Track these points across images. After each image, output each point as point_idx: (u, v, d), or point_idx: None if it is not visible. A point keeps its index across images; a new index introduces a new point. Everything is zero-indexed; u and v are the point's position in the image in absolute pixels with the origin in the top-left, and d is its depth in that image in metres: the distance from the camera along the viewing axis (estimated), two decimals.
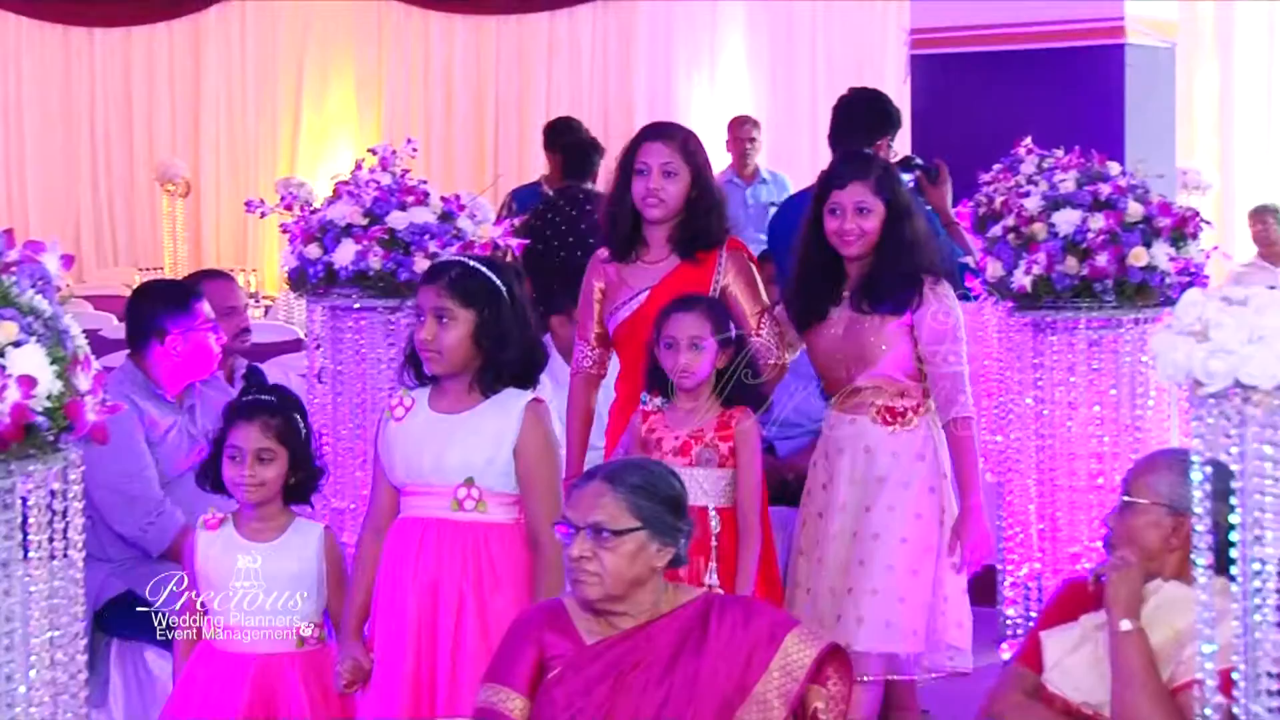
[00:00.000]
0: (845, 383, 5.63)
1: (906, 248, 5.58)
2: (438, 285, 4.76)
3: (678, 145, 5.75)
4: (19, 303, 2.87)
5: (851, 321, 5.60)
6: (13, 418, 2.78)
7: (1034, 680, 4.32)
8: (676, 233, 5.75)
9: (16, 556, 2.89)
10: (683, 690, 3.97)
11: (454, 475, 4.73)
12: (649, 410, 5.45)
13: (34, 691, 2.90)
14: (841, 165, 5.76)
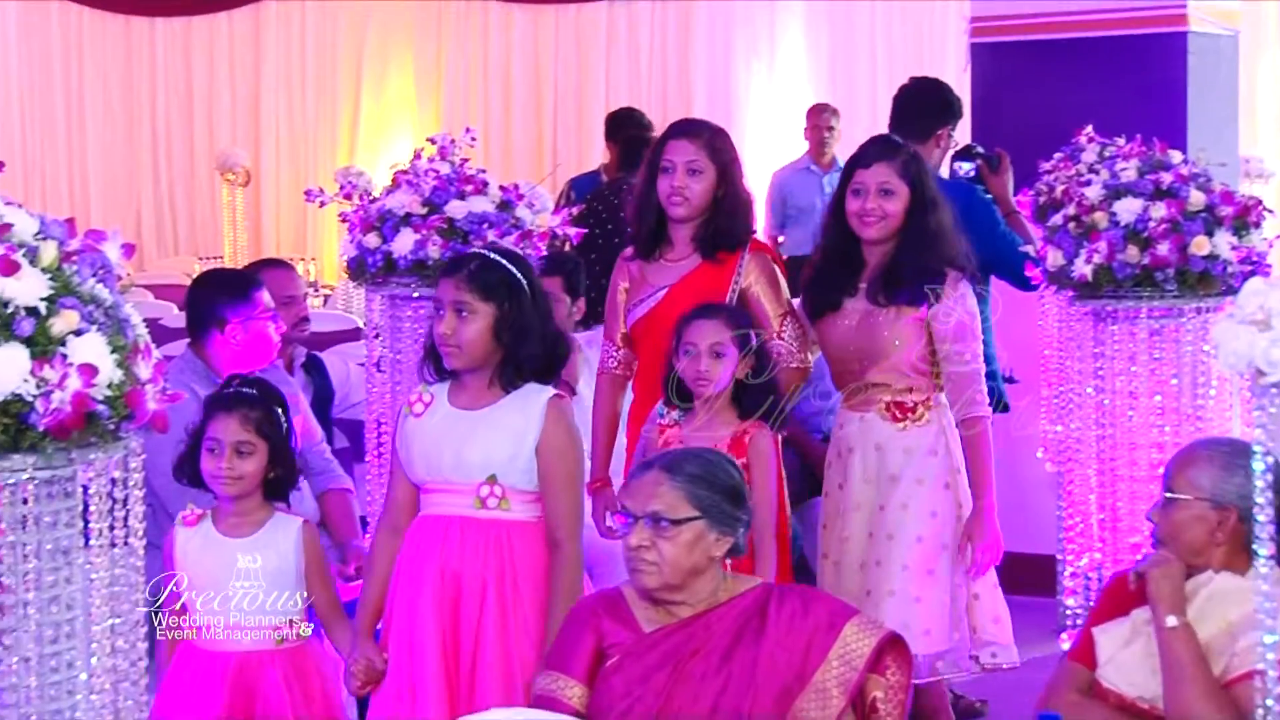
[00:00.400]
0: (856, 376, 5.53)
1: (930, 238, 5.47)
2: (456, 278, 4.67)
3: (703, 143, 5.66)
4: (80, 292, 2.89)
5: (866, 314, 5.49)
6: (74, 406, 2.79)
7: (1088, 677, 4.30)
8: (700, 232, 5.65)
9: (78, 544, 2.90)
10: (741, 679, 3.97)
11: (476, 472, 4.64)
12: (665, 423, 5.35)
13: (95, 679, 2.92)
14: (868, 146, 5.67)
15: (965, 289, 5.48)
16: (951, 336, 5.42)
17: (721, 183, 5.63)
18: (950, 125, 7.09)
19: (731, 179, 5.66)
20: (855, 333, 5.50)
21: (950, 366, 5.44)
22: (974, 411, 5.42)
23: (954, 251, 5.52)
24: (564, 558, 4.63)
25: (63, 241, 2.93)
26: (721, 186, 5.63)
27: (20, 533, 2.84)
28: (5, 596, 2.84)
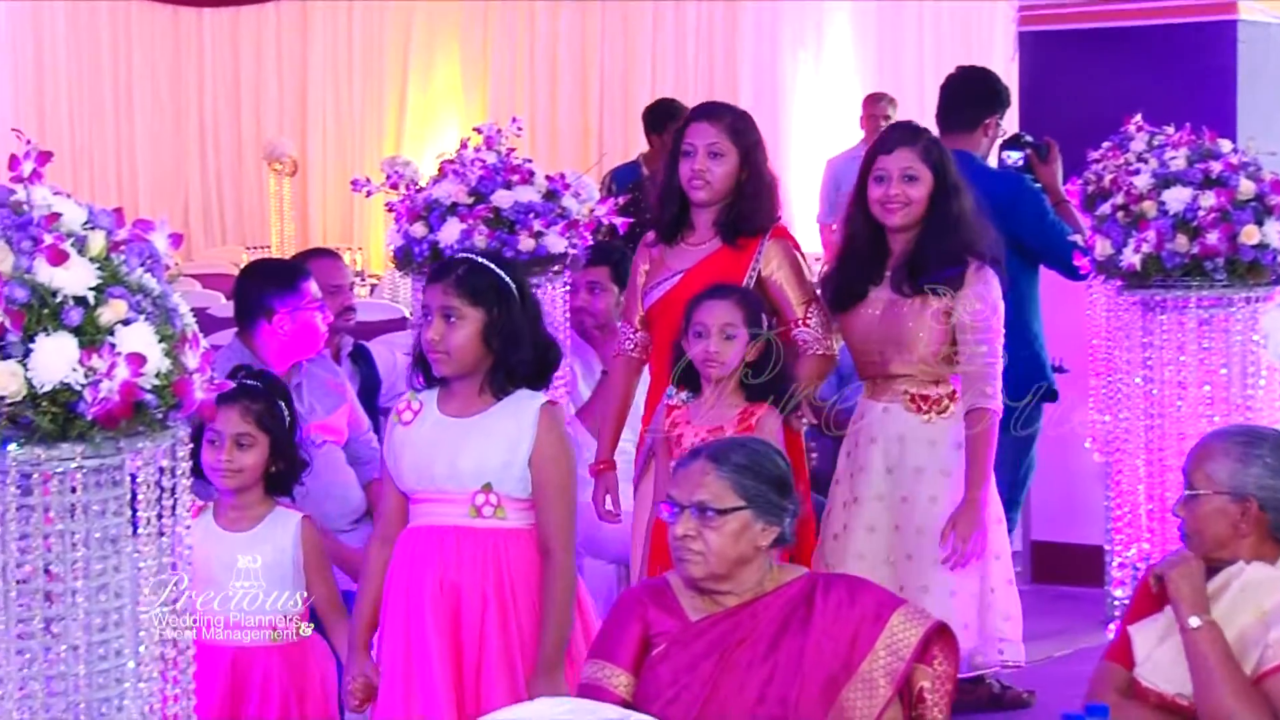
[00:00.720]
0: (880, 367, 5.49)
1: (953, 224, 5.43)
2: (444, 283, 4.53)
3: (725, 126, 5.56)
4: (128, 281, 2.90)
5: (890, 304, 5.46)
6: (122, 395, 2.80)
7: (1126, 676, 4.27)
8: (722, 216, 5.57)
9: (126, 533, 2.92)
10: (787, 668, 3.97)
11: (470, 481, 4.53)
12: (673, 405, 5.30)
13: (143, 667, 2.93)
14: (889, 133, 5.65)
15: (990, 277, 5.45)
16: (971, 327, 5.39)
17: (744, 166, 5.55)
18: (998, 114, 7.06)
19: (754, 162, 5.58)
20: (880, 322, 5.47)
21: (966, 358, 5.41)
22: (981, 403, 5.38)
23: (977, 237, 5.48)
24: (556, 567, 4.54)
25: (111, 231, 2.94)
26: (744, 170, 5.55)
27: (69, 521, 2.86)
28: (54, 585, 2.86)
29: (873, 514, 5.48)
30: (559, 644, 4.52)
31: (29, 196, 2.91)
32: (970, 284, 5.40)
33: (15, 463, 2.80)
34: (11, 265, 2.82)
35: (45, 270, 2.82)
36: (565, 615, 4.54)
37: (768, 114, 16.33)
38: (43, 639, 2.86)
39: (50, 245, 2.84)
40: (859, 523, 5.49)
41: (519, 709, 3.91)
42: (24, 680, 2.85)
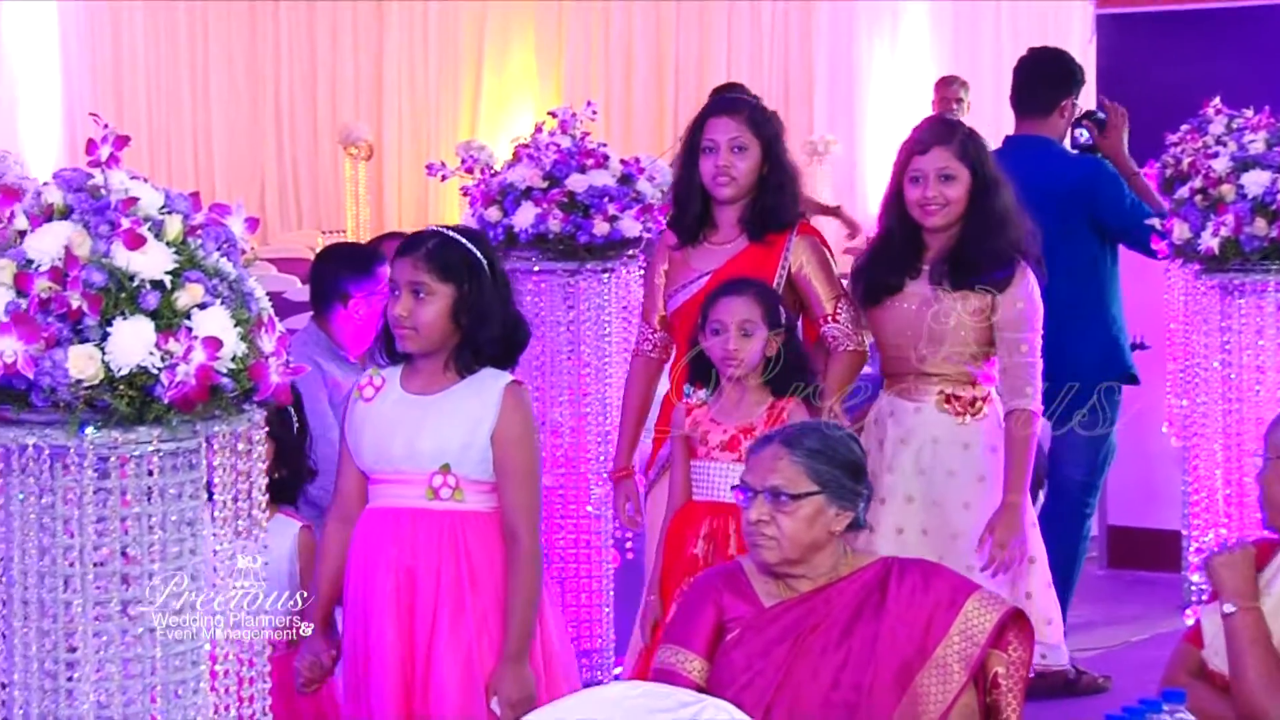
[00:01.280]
0: (913, 364, 5.33)
1: (997, 221, 5.30)
2: (414, 257, 4.38)
3: (745, 118, 5.42)
4: (205, 265, 2.91)
5: (927, 299, 5.31)
6: (198, 379, 2.81)
7: (1198, 658, 4.27)
8: (747, 212, 5.43)
9: (202, 516, 2.93)
10: (861, 653, 3.96)
11: (428, 461, 4.39)
12: (693, 404, 5.16)
13: (219, 650, 2.95)
14: (923, 130, 5.47)
15: (1029, 276, 5.33)
16: (1012, 325, 5.28)
17: (767, 159, 5.41)
18: (1074, 95, 6.93)
19: (777, 154, 5.45)
20: (915, 317, 5.32)
21: (1006, 356, 5.28)
22: (1022, 404, 5.25)
23: (1020, 233, 5.35)
24: (521, 552, 4.40)
25: (188, 215, 2.95)
26: (767, 163, 5.41)
27: (145, 504, 2.87)
28: (131, 568, 2.87)
29: (902, 515, 5.36)
30: (525, 633, 4.40)
31: (106, 181, 2.92)
32: (1015, 282, 5.29)
33: (93, 446, 2.82)
34: (89, 249, 2.83)
35: (122, 254, 2.83)
36: (531, 603, 4.41)
37: (843, 100, 16.32)
38: (119, 621, 2.88)
39: (128, 229, 2.85)
40: (887, 523, 5.34)
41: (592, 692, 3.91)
42: (101, 663, 2.87)
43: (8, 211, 2.90)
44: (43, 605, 2.87)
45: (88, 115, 3.37)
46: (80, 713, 2.87)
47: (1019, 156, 6.71)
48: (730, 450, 5.07)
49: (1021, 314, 5.28)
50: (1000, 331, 5.28)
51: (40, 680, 2.88)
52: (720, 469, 5.08)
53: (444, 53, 17.75)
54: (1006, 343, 5.28)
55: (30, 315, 2.79)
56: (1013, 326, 5.28)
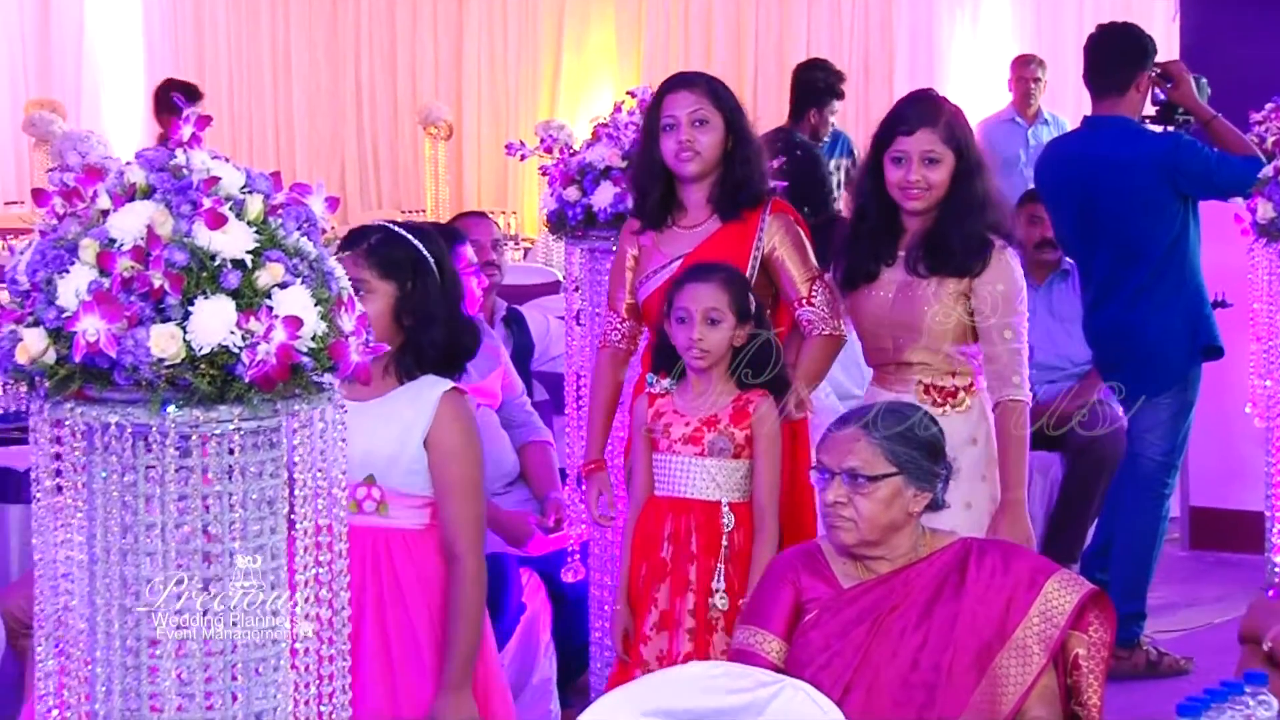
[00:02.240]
0: (890, 354, 5.09)
1: (977, 205, 5.02)
2: (355, 253, 4.05)
3: (704, 91, 5.19)
4: (285, 245, 2.92)
5: (904, 285, 5.05)
6: (279, 358, 2.82)
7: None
8: (715, 191, 5.20)
9: (282, 495, 2.94)
10: (940, 635, 3.95)
11: (353, 471, 3.90)
12: (655, 393, 4.95)
13: (299, 627, 2.96)
14: (908, 108, 5.17)
15: (1012, 258, 5.07)
16: (993, 311, 5.00)
17: (730, 132, 5.18)
18: (1148, 70, 6.79)
19: (740, 127, 5.21)
20: (891, 305, 5.07)
21: (989, 344, 5.01)
22: (1011, 395, 4.97)
23: (999, 215, 5.12)
24: (462, 571, 4.12)
25: (268, 195, 2.96)
26: (731, 136, 5.18)
27: (226, 483, 2.88)
28: (212, 546, 2.89)
29: None
30: (467, 659, 4.13)
31: (188, 160, 2.94)
32: (993, 265, 5.01)
33: (174, 424, 2.83)
34: (171, 229, 2.85)
35: (204, 234, 2.85)
36: (473, 627, 4.14)
37: (923, 78, 16.21)
38: (201, 599, 2.90)
39: (209, 209, 2.86)
40: None
41: (671, 672, 3.92)
42: (182, 640, 2.89)
43: (91, 191, 2.92)
44: (125, 582, 2.89)
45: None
46: (161, 690, 2.89)
47: (1097, 137, 6.67)
48: (693, 444, 4.88)
49: (1002, 297, 5.00)
50: (981, 318, 5.01)
51: (122, 658, 2.90)
52: (682, 463, 4.90)
53: (524, 32, 17.76)
54: (988, 330, 5.00)
55: (113, 294, 2.80)
56: (993, 312, 5.00)
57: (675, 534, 4.88)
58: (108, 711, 2.91)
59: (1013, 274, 5.04)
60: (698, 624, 4.84)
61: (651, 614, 4.89)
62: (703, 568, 4.84)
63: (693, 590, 4.85)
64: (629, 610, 4.93)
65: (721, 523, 4.84)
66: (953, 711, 3.91)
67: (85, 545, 2.92)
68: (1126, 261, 6.55)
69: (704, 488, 4.85)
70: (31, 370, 2.86)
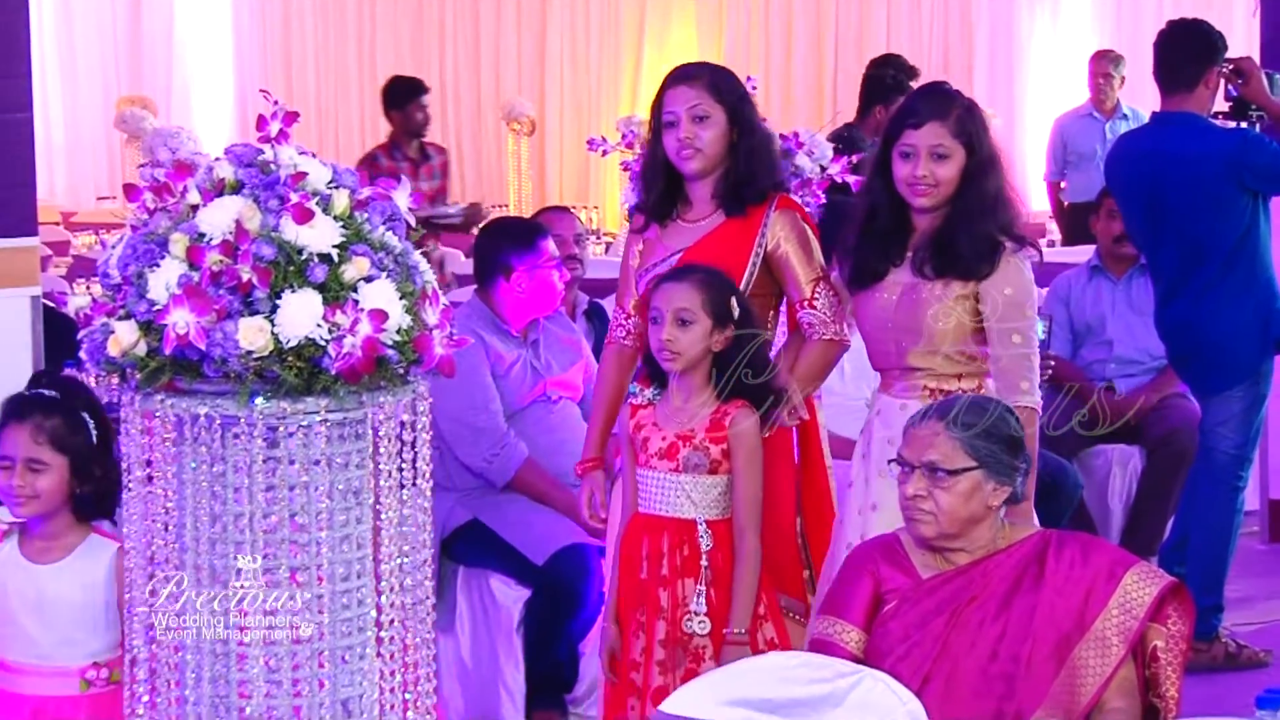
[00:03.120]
0: (894, 358, 4.81)
1: (988, 205, 4.75)
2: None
3: (705, 85, 4.94)
4: (371, 239, 2.93)
5: (909, 288, 4.78)
6: (364, 351, 2.84)
7: None
8: (720, 186, 4.96)
9: (368, 485, 2.96)
10: (1019, 626, 3.93)
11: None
12: (637, 403, 4.71)
13: (384, 614, 2.97)
14: (919, 100, 4.90)
15: (1023, 261, 4.80)
16: (1001, 315, 4.73)
17: (734, 125, 4.94)
18: (1218, 65, 6.70)
19: (745, 119, 4.97)
20: (896, 308, 4.79)
21: (998, 349, 4.75)
22: (1019, 400, 4.64)
23: (1010, 217, 4.83)
24: None
25: (354, 190, 2.98)
26: (735, 129, 4.94)
27: (313, 473, 2.90)
28: (299, 535, 2.91)
29: (894, 520, 4.60)
30: None
31: (276, 156, 2.96)
32: (1002, 268, 4.75)
33: (262, 416, 2.85)
34: (259, 224, 2.86)
35: (291, 228, 2.86)
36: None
37: (1003, 73, 16.17)
38: (288, 587, 2.91)
39: (296, 204, 2.88)
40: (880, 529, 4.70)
41: (749, 663, 3.92)
42: (270, 627, 2.91)
43: (181, 186, 2.94)
44: (214, 571, 2.92)
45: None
46: (250, 676, 2.91)
47: (1166, 133, 6.61)
48: (668, 459, 4.60)
49: (1010, 301, 4.74)
50: (990, 322, 4.75)
51: (211, 645, 2.92)
52: (657, 479, 4.62)
53: (606, 29, 17.76)
54: (997, 334, 4.75)
55: (202, 288, 2.83)
56: (1002, 316, 4.74)
57: (651, 554, 4.62)
58: (198, 698, 2.93)
59: (1023, 278, 4.79)
60: (668, 655, 4.57)
61: (639, 639, 4.60)
62: (674, 593, 4.57)
63: (664, 618, 4.58)
64: (617, 630, 4.65)
65: (699, 543, 4.58)
66: (1031, 702, 3.89)
67: (175, 533, 2.94)
68: (1194, 257, 6.49)
69: (679, 505, 4.58)
70: (123, 362, 2.89)
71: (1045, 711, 3.88)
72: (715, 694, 3.68)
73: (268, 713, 2.91)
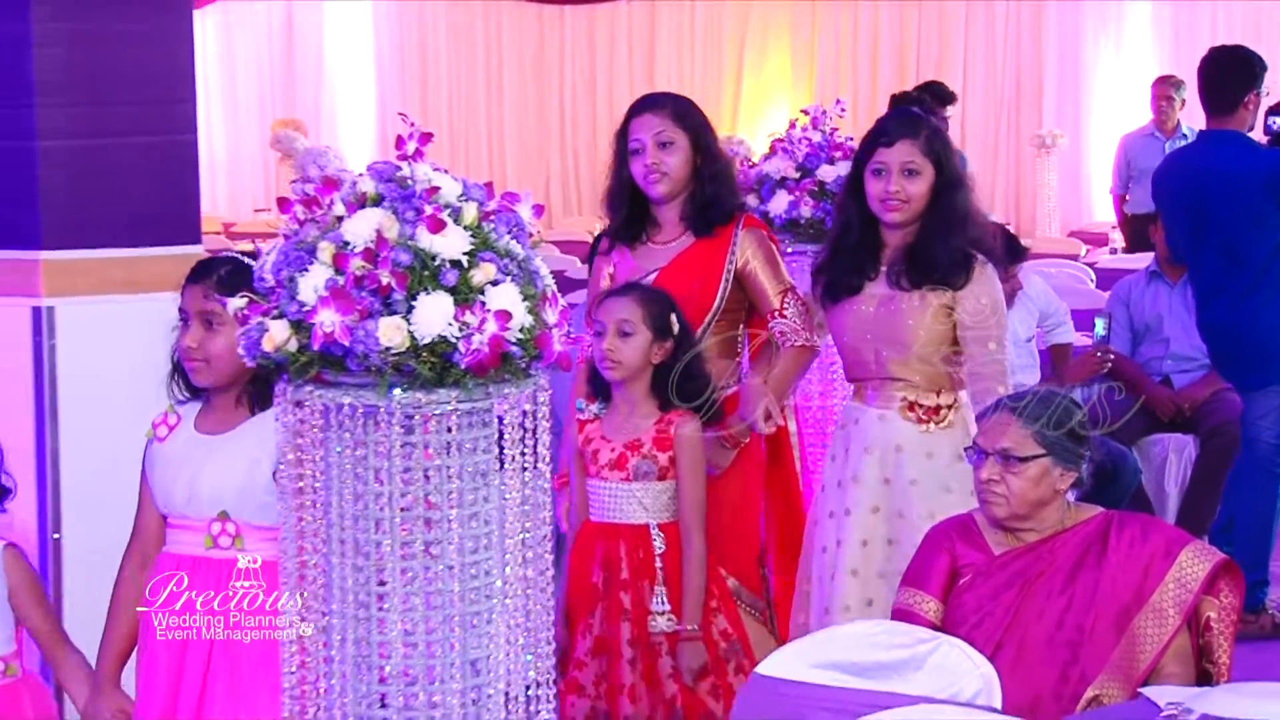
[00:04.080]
0: (873, 368, 4.65)
1: (959, 219, 4.62)
2: (204, 285, 3.60)
3: (669, 113, 4.85)
4: (497, 246, 2.94)
5: (886, 299, 4.63)
6: (491, 347, 2.85)
7: None
8: (687, 208, 4.85)
9: (494, 468, 2.96)
10: (1084, 598, 3.90)
11: (207, 507, 3.61)
12: (584, 419, 4.55)
13: (508, 586, 2.98)
14: (889, 122, 4.75)
15: (991, 274, 4.65)
16: (976, 324, 4.59)
17: (697, 151, 4.84)
18: (1255, 88, 6.60)
19: (707, 145, 4.87)
20: (874, 320, 4.64)
21: (973, 356, 4.60)
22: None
23: (980, 232, 4.70)
24: None
25: (482, 203, 2.99)
26: (698, 155, 4.84)
27: (445, 457, 2.91)
28: (432, 512, 2.92)
29: (868, 527, 4.66)
30: None
31: (412, 172, 2.97)
32: (975, 279, 4.60)
33: (399, 405, 2.87)
34: (397, 233, 2.88)
35: (426, 237, 2.88)
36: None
37: (1070, 96, 16.06)
38: (423, 559, 2.92)
39: (430, 215, 2.89)
40: (853, 536, 4.67)
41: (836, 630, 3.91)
42: (407, 595, 2.92)
43: (328, 199, 2.96)
44: (357, 544, 2.93)
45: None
46: (389, 639, 2.93)
47: (1210, 150, 6.55)
48: (618, 469, 4.47)
49: (986, 309, 4.59)
50: (964, 331, 4.60)
51: (355, 610, 2.94)
52: (609, 489, 4.49)
53: (708, 57, 17.77)
54: (972, 342, 4.60)
55: (346, 291, 2.84)
56: (977, 325, 4.60)
57: (607, 560, 4.48)
58: (342, 657, 2.95)
59: (995, 287, 4.65)
60: (639, 653, 4.45)
61: (585, 640, 4.46)
62: (636, 594, 4.44)
63: (628, 619, 4.44)
64: (567, 633, 4.45)
65: (653, 545, 4.45)
66: (1094, 668, 3.87)
67: (322, 511, 2.96)
68: (1232, 265, 6.42)
69: (632, 511, 4.45)
70: (276, 357, 2.91)
71: (1107, 676, 3.86)
72: (806, 658, 3.67)
73: (404, 670, 2.93)
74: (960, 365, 4.64)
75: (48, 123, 4.38)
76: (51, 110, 4.37)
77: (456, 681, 2.94)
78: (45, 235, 4.40)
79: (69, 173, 4.41)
